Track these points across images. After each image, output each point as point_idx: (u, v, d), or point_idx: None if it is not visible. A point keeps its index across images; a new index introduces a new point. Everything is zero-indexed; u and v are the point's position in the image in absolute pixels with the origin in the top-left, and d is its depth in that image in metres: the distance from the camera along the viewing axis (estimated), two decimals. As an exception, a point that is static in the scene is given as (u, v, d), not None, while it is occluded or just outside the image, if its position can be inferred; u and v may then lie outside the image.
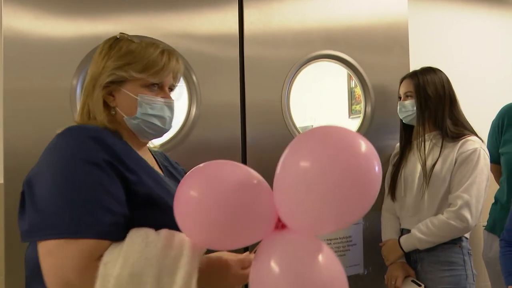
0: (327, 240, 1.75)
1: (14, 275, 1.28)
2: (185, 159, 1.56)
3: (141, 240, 0.76)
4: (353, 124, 2.95)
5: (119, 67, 0.91)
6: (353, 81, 3.02)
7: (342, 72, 2.93)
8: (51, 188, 0.75)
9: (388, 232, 1.66)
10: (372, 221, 1.82)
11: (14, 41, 1.36)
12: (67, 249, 0.71)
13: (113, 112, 0.93)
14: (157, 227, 0.81)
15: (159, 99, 0.95)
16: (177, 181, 1.02)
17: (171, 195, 0.83)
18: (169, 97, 0.98)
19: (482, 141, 1.53)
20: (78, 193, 0.74)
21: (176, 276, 0.74)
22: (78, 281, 0.71)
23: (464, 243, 1.52)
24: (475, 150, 1.48)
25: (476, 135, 1.55)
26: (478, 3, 2.52)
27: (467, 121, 1.59)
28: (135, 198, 0.82)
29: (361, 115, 1.86)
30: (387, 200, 1.69)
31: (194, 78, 1.57)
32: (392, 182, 1.66)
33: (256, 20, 1.67)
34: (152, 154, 1.09)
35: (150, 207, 0.85)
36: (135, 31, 1.51)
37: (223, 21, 1.62)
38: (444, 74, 1.61)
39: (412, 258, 1.57)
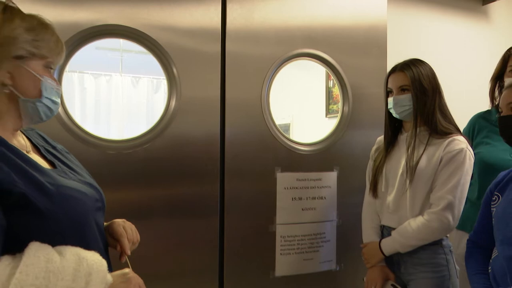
0: (301, 236, 1.78)
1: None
2: (163, 152, 1.56)
3: (44, 263, 0.68)
4: (330, 124, 3.01)
5: (28, 42, 0.81)
6: (331, 81, 3.07)
7: (320, 71, 2.98)
8: None
9: (369, 233, 1.61)
10: (346, 218, 1.86)
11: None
12: None
13: (6, 91, 0.80)
14: (38, 237, 0.72)
15: (55, 85, 0.88)
16: (62, 162, 0.91)
17: (48, 191, 0.76)
18: (59, 84, 0.93)
19: (468, 141, 1.48)
20: None
21: None
22: None
23: (445, 242, 1.49)
24: (461, 150, 1.43)
25: (461, 132, 1.51)
26: (455, 9, 2.60)
27: (451, 116, 1.54)
28: (8, 200, 0.71)
29: (339, 114, 1.90)
30: (368, 197, 1.65)
31: (174, 71, 1.57)
32: (374, 178, 1.61)
33: (238, 15, 1.67)
34: (25, 136, 0.93)
35: (24, 210, 0.73)
36: (116, 20, 1.49)
37: (205, 15, 1.62)
38: (430, 66, 1.54)
39: (395, 260, 1.54)
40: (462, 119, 2.05)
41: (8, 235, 0.70)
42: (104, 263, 0.76)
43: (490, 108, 1.84)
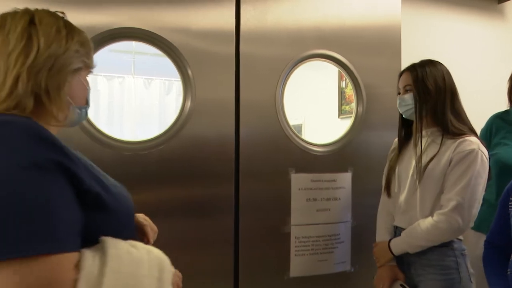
0: (316, 237, 1.78)
1: None
2: (178, 153, 1.57)
3: (127, 254, 0.72)
4: (343, 124, 2.99)
5: (83, 54, 0.86)
6: (344, 82, 3.06)
7: (332, 72, 2.97)
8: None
9: (381, 232, 1.62)
10: (360, 219, 1.85)
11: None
12: (33, 266, 0.63)
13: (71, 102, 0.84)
14: (105, 232, 0.76)
15: None
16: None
17: (110, 191, 0.80)
18: None
19: (482, 142, 1.46)
20: (31, 202, 0.64)
21: None
22: None
23: (456, 245, 1.47)
24: (472, 151, 1.41)
25: (475, 133, 1.50)
26: (470, 8, 2.57)
27: (467, 117, 1.53)
28: (84, 200, 0.74)
29: (353, 115, 1.89)
30: (383, 196, 1.65)
31: (189, 72, 1.58)
32: (387, 178, 1.62)
33: (252, 17, 1.68)
34: None
35: (97, 209, 0.76)
36: (132, 23, 1.51)
37: (220, 17, 1.63)
38: (445, 67, 1.54)
39: (405, 261, 1.53)
40: (476, 120, 2.03)
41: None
42: (163, 253, 0.81)
43: (508, 108, 1.82)
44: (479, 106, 2.18)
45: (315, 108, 3.42)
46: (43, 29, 0.80)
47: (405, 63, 1.67)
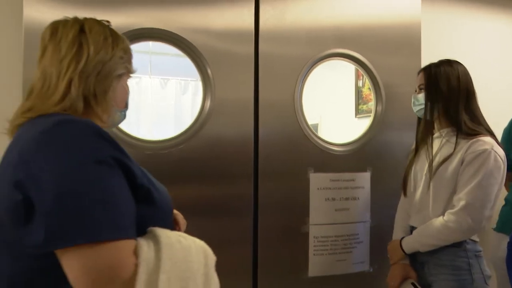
0: (334, 236, 1.77)
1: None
2: (197, 152, 1.58)
3: (177, 242, 0.77)
4: (360, 124, 2.97)
5: (126, 61, 0.92)
6: (361, 81, 3.04)
7: (349, 71, 2.95)
8: (68, 191, 0.68)
9: (397, 231, 1.65)
10: (379, 219, 1.84)
11: (34, 31, 1.37)
12: (101, 250, 0.68)
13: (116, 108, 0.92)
14: (151, 224, 0.81)
15: None
16: None
17: (156, 187, 0.86)
18: None
19: (498, 142, 1.46)
20: (97, 194, 0.70)
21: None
22: (117, 279, 0.68)
23: (469, 246, 1.46)
24: (484, 151, 1.40)
25: (493, 134, 1.49)
26: (493, 6, 2.52)
27: (483, 118, 1.52)
28: (136, 193, 0.78)
29: (372, 114, 1.88)
30: (402, 196, 1.67)
31: (209, 72, 1.59)
32: (404, 177, 1.64)
33: (271, 16, 1.68)
34: None
35: (146, 202, 0.81)
36: (152, 23, 1.53)
37: (239, 17, 1.63)
38: (462, 67, 1.53)
39: (419, 260, 1.54)
40: (500, 119, 2.00)
41: None
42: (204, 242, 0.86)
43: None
44: (503, 105, 2.15)
45: (332, 107, 3.40)
46: (92, 37, 0.86)
47: (425, 62, 1.65)
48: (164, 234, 0.78)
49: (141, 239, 0.75)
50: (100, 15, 1.45)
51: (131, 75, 0.96)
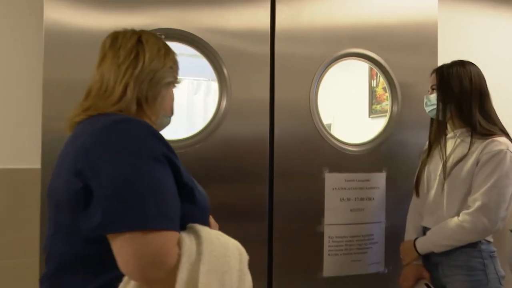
0: (349, 237, 1.77)
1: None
2: (213, 152, 1.59)
3: (216, 239, 0.82)
4: (373, 124, 2.96)
5: (175, 70, 1.01)
6: (374, 81, 3.02)
7: (363, 71, 2.93)
8: (125, 182, 0.75)
9: (409, 231, 1.65)
10: (394, 220, 1.83)
11: (54, 32, 1.40)
12: (151, 237, 0.73)
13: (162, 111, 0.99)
14: (192, 222, 0.86)
15: None
16: None
17: (198, 188, 0.91)
18: None
19: None
20: (150, 186, 0.76)
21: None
22: (163, 265, 0.73)
23: (484, 246, 1.46)
24: (500, 151, 1.41)
25: (507, 134, 1.49)
26: (510, 4, 2.49)
27: (498, 118, 1.53)
28: (181, 191, 0.84)
29: (388, 114, 1.87)
30: (414, 196, 1.67)
31: (225, 72, 1.59)
32: (417, 178, 1.64)
33: (287, 16, 1.68)
34: None
35: (189, 200, 0.87)
36: (169, 24, 1.54)
37: (255, 17, 1.64)
38: (475, 68, 1.54)
39: (433, 261, 1.54)
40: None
41: None
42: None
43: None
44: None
45: (345, 107, 3.39)
46: (148, 47, 0.95)
47: (441, 61, 1.65)
48: (204, 229, 0.83)
49: (183, 232, 0.80)
50: (117, 16, 1.47)
51: (176, 84, 1.04)
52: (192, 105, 4.19)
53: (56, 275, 0.85)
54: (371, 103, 3.08)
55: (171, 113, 1.05)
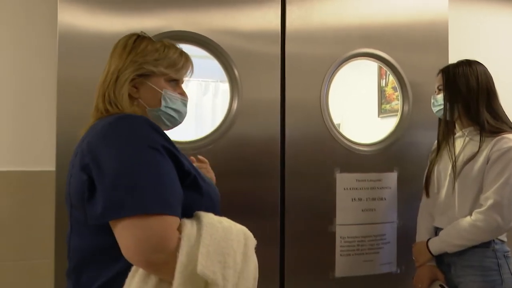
0: (361, 237, 1.77)
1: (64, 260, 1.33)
2: (225, 153, 1.60)
3: (218, 223, 0.84)
4: (383, 123, 2.95)
5: (148, 62, 0.98)
6: (384, 80, 3.01)
7: (372, 70, 2.92)
8: (124, 170, 0.78)
9: (420, 232, 1.65)
10: (406, 220, 1.82)
11: (68, 35, 1.42)
12: (150, 222, 0.76)
13: (136, 103, 1.00)
14: (197, 209, 0.88)
15: (179, 96, 1.06)
16: None
17: (203, 178, 0.94)
18: (185, 95, 1.09)
19: None
20: (149, 174, 0.79)
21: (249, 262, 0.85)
22: (163, 248, 0.76)
23: (498, 246, 1.45)
24: (510, 148, 1.41)
25: None
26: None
27: (506, 116, 1.52)
28: (184, 180, 0.87)
29: (398, 113, 1.86)
30: (424, 197, 1.67)
31: (236, 73, 1.60)
32: (426, 178, 1.64)
33: (297, 17, 1.69)
34: None
35: (193, 189, 0.90)
36: (180, 26, 1.55)
37: (265, 18, 1.64)
38: (482, 67, 1.54)
39: (446, 261, 1.54)
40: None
41: None
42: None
43: None
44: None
45: (354, 107, 3.38)
46: (115, 49, 1.01)
47: (452, 60, 1.64)
48: (206, 215, 0.86)
49: (185, 219, 0.83)
50: (129, 19, 1.49)
51: (169, 75, 1.03)
52: (201, 106, 4.22)
53: (75, 270, 0.89)
54: (380, 103, 3.07)
55: (160, 105, 1.03)
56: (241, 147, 1.61)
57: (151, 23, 1.52)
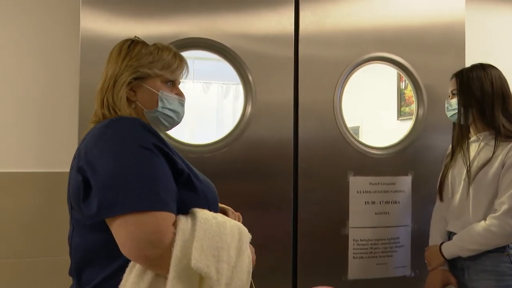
0: (374, 240, 1.77)
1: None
2: (240, 155, 1.64)
3: (213, 218, 0.86)
4: (402, 126, 2.92)
5: (143, 65, 1.01)
6: (403, 83, 2.99)
7: (391, 73, 2.91)
8: (116, 170, 0.81)
9: (434, 236, 1.64)
10: (421, 224, 1.81)
11: (90, 41, 1.49)
12: (144, 218, 0.79)
13: (133, 106, 1.02)
14: (192, 207, 0.91)
15: (176, 96, 1.08)
16: None
17: (198, 177, 0.96)
18: (182, 95, 1.11)
19: None
20: (141, 172, 0.82)
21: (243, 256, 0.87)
22: (159, 243, 0.78)
23: None
24: None
25: None
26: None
27: None
28: (178, 179, 0.89)
29: (413, 117, 1.86)
30: (437, 201, 1.66)
31: (250, 77, 1.64)
32: (440, 182, 1.63)
33: (311, 21, 1.71)
34: None
35: (187, 187, 0.92)
36: (197, 32, 1.60)
37: (279, 22, 1.68)
38: (496, 70, 1.53)
39: (459, 266, 1.53)
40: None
41: None
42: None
43: None
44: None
45: (373, 109, 3.36)
46: (110, 56, 1.04)
47: (469, 63, 1.63)
48: (201, 211, 0.88)
49: (180, 215, 0.86)
50: (147, 25, 1.55)
51: (164, 76, 1.05)
52: (222, 108, 4.27)
53: (76, 268, 0.92)
54: (399, 105, 3.05)
55: (156, 106, 1.04)
56: (255, 149, 1.65)
57: (168, 29, 1.58)
